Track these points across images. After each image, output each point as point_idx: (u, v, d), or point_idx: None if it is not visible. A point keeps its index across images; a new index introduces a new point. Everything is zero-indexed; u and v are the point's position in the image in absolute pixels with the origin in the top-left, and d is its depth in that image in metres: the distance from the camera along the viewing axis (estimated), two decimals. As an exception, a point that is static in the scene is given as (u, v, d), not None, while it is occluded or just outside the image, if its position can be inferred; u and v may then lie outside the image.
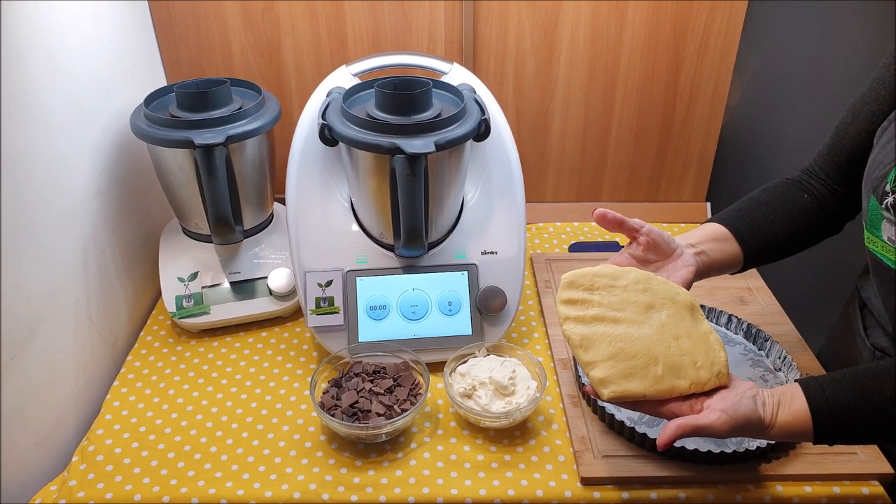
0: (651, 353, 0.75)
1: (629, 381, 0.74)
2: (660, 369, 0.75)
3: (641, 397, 0.75)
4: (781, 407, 0.75)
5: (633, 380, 0.75)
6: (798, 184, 0.95)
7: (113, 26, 1.11)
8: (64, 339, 0.97)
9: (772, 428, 0.74)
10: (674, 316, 0.78)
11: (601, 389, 0.75)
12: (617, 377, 0.74)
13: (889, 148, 0.80)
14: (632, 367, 0.75)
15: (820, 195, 0.94)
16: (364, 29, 1.27)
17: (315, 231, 1.05)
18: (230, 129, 1.02)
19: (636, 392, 0.74)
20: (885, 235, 0.80)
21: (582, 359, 0.76)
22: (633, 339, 0.76)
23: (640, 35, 1.29)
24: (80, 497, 0.87)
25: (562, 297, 0.78)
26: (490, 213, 1.08)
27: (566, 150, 1.41)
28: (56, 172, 0.95)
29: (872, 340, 0.93)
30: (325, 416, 0.91)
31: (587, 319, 0.76)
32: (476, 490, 0.88)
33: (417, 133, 0.93)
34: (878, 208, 0.80)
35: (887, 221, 0.79)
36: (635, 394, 0.74)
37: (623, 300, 0.78)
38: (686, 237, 0.91)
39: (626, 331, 0.76)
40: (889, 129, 0.81)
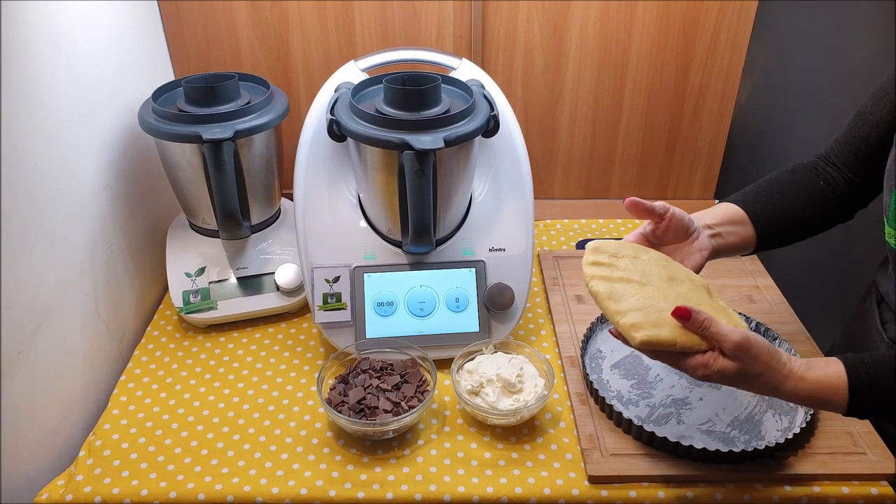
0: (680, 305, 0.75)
1: (659, 329, 0.73)
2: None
3: (672, 345, 0.73)
4: (812, 366, 0.75)
5: (663, 328, 0.73)
6: (813, 169, 0.95)
7: (121, 21, 1.11)
8: (71, 333, 0.97)
9: (792, 378, 0.74)
10: (693, 290, 0.80)
11: (633, 334, 0.73)
12: (648, 325, 0.73)
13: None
14: (661, 318, 0.74)
15: (834, 182, 0.93)
16: (372, 24, 1.26)
17: (323, 227, 1.05)
18: (238, 123, 1.02)
19: (667, 339, 0.73)
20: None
21: (610, 308, 0.75)
22: (659, 298, 0.76)
23: (650, 32, 1.28)
24: (87, 492, 0.87)
25: (588, 260, 0.79)
26: (498, 209, 1.08)
27: (574, 146, 1.41)
28: (64, 167, 0.95)
29: (890, 335, 0.92)
30: (332, 412, 0.91)
31: (613, 279, 0.77)
32: (483, 487, 0.87)
33: (426, 129, 0.93)
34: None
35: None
36: (666, 340, 0.73)
37: (646, 270, 0.79)
38: (704, 217, 0.90)
39: (653, 291, 0.77)
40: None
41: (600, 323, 1.09)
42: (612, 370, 1.02)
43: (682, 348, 0.74)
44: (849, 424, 0.94)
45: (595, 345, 1.07)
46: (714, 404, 0.96)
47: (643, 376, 1.01)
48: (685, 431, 0.92)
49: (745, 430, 0.92)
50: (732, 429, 0.92)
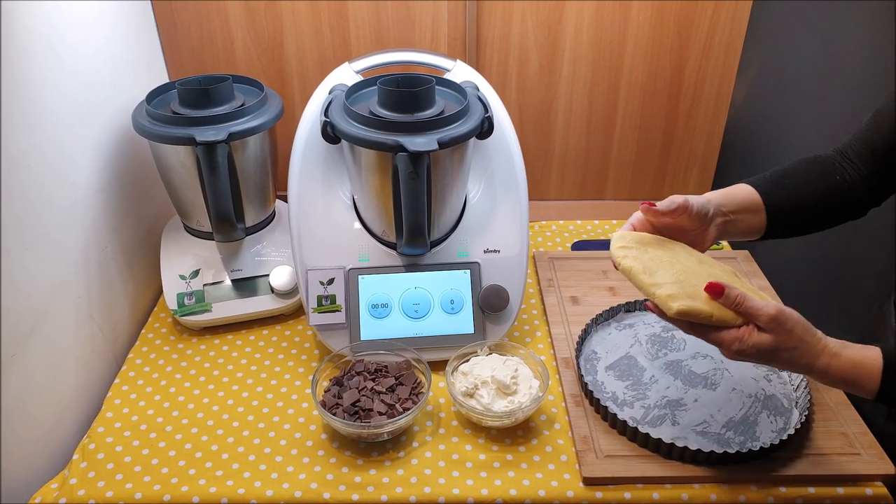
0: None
1: (696, 300, 0.74)
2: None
3: (708, 316, 0.74)
4: (848, 346, 0.75)
5: (699, 300, 0.74)
6: (830, 163, 0.93)
7: (115, 23, 1.11)
8: (65, 336, 0.97)
9: (826, 354, 0.74)
10: (724, 272, 0.81)
11: (669, 304, 0.74)
12: (684, 296, 0.74)
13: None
14: (697, 291, 0.75)
15: (850, 178, 0.92)
16: (367, 26, 1.26)
17: (317, 229, 1.04)
18: (232, 126, 1.02)
19: (704, 310, 0.73)
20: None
21: (646, 282, 0.76)
22: (692, 275, 0.77)
23: (644, 33, 1.28)
24: (81, 495, 0.87)
25: (616, 245, 0.81)
26: (493, 211, 1.08)
27: (569, 148, 1.41)
28: (57, 169, 0.95)
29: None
30: (326, 414, 0.90)
31: (644, 259, 0.78)
32: (478, 489, 0.87)
33: (420, 131, 0.93)
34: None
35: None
36: (703, 311, 0.74)
37: (675, 254, 0.81)
38: (721, 200, 0.88)
39: (685, 269, 0.78)
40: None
41: (595, 324, 1.09)
42: (607, 371, 1.02)
43: (718, 321, 0.74)
44: (844, 425, 0.94)
45: (590, 346, 1.07)
46: (709, 405, 0.96)
47: (638, 377, 1.01)
48: (680, 433, 0.92)
49: (739, 432, 0.92)
50: (727, 430, 0.92)
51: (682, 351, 1.05)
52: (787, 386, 0.99)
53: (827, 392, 0.99)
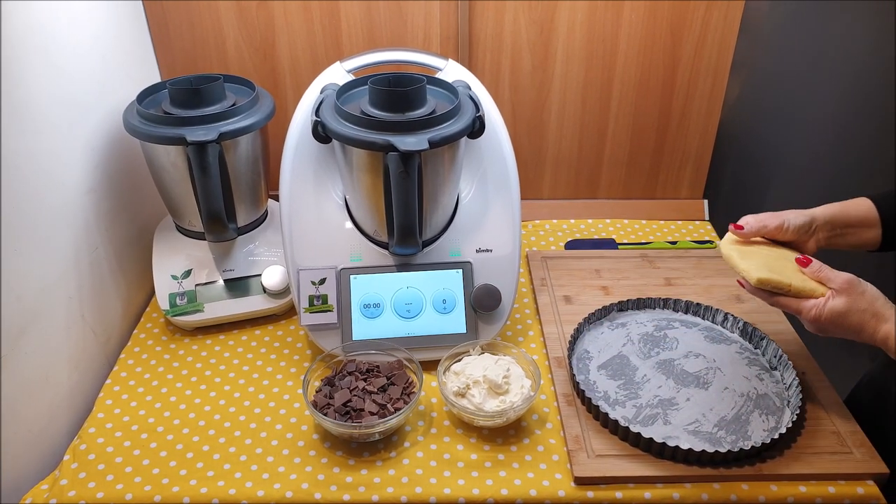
0: (797, 267, 0.88)
1: (778, 275, 0.85)
2: (805, 277, 0.86)
3: (787, 287, 0.84)
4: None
5: (781, 275, 0.85)
6: None
7: (107, 23, 1.11)
8: (56, 337, 0.97)
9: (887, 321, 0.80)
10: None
11: (752, 273, 0.86)
12: (766, 270, 0.86)
13: None
14: (780, 269, 0.87)
15: None
16: (359, 25, 1.26)
17: (309, 228, 1.04)
18: (223, 125, 1.02)
19: (783, 281, 0.85)
20: None
21: (737, 262, 0.89)
22: (783, 258, 0.89)
23: (637, 31, 1.28)
24: (71, 496, 0.86)
25: (727, 238, 0.93)
26: (485, 210, 1.08)
27: (563, 146, 1.41)
28: (48, 169, 0.95)
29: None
30: (317, 415, 0.90)
31: (743, 250, 0.91)
32: (469, 489, 0.87)
33: (411, 130, 0.92)
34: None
35: None
36: (782, 282, 0.85)
37: (774, 248, 0.92)
38: (833, 215, 0.91)
39: (778, 257, 0.89)
40: None
41: (587, 323, 1.09)
42: (599, 371, 1.02)
43: (796, 291, 0.85)
44: (835, 424, 0.94)
45: (582, 345, 1.07)
46: (701, 405, 0.96)
47: (630, 377, 1.01)
48: (672, 432, 0.92)
49: (731, 431, 0.92)
50: (719, 429, 0.92)
51: (674, 350, 1.05)
52: (779, 385, 0.99)
53: (819, 391, 0.99)
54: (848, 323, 0.81)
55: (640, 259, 1.29)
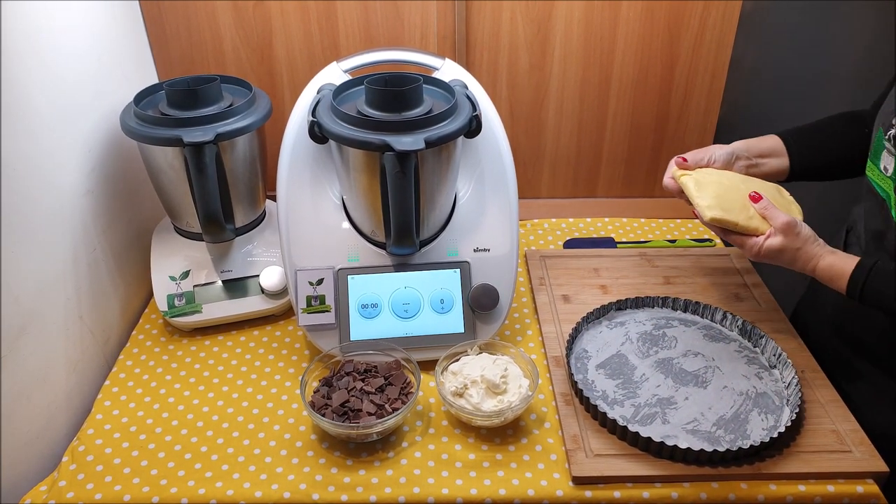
0: (747, 203, 0.96)
1: (728, 213, 0.95)
2: (751, 212, 0.96)
3: (735, 225, 0.95)
4: (836, 254, 0.93)
5: (731, 213, 0.95)
6: (862, 117, 1.05)
7: (103, 25, 1.11)
8: (54, 338, 0.97)
9: (818, 258, 0.93)
10: (764, 187, 1.00)
11: (705, 213, 0.95)
12: (718, 208, 0.95)
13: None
14: (732, 205, 0.95)
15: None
16: (356, 25, 1.26)
17: (306, 229, 1.04)
18: (220, 126, 1.01)
19: (731, 220, 0.95)
20: (882, 165, 0.92)
21: (693, 194, 0.97)
22: (735, 189, 0.97)
23: (635, 29, 1.28)
24: (70, 498, 0.87)
25: (675, 170, 1.02)
26: (483, 210, 1.08)
27: (561, 145, 1.40)
28: (45, 171, 0.95)
29: (850, 253, 1.00)
30: (315, 415, 0.90)
31: (697, 177, 0.99)
32: (467, 489, 0.87)
33: (407, 130, 0.92)
34: (882, 138, 0.91)
35: (887, 152, 0.90)
36: (731, 221, 0.95)
37: (723, 175, 1.00)
38: (745, 148, 1.05)
39: (730, 186, 0.98)
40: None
41: (586, 322, 1.09)
42: (597, 370, 1.02)
43: (743, 230, 0.95)
44: (835, 423, 0.93)
45: (581, 344, 1.07)
46: (700, 404, 0.95)
47: (629, 376, 1.01)
48: (670, 431, 0.91)
49: (730, 430, 0.92)
50: (718, 428, 0.92)
51: (673, 349, 1.05)
52: (778, 384, 0.99)
53: (818, 389, 0.99)
54: (782, 259, 0.94)
55: (638, 258, 1.28)
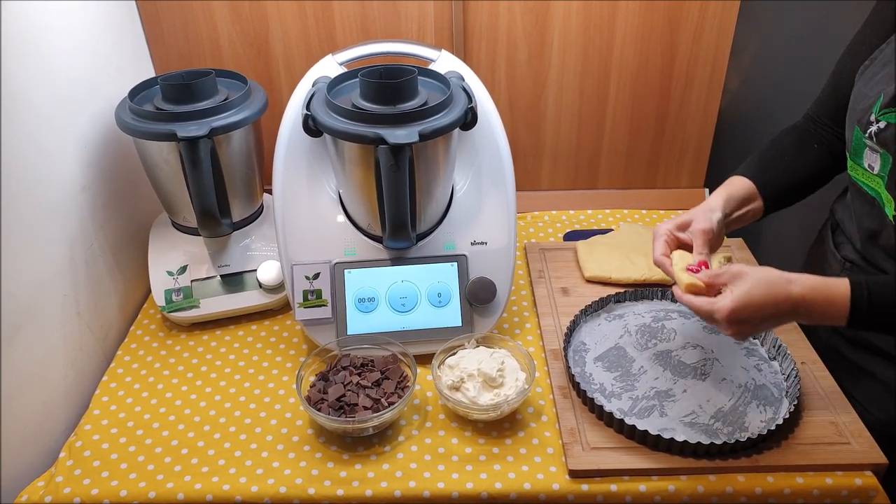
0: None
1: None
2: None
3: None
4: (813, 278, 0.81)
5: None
6: (806, 132, 1.03)
7: (99, 20, 1.10)
8: (52, 334, 0.97)
9: (798, 284, 0.80)
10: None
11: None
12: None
13: (872, 82, 0.87)
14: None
15: (827, 141, 1.00)
16: (352, 17, 1.25)
17: (302, 223, 1.04)
18: (214, 120, 1.01)
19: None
20: (866, 163, 0.88)
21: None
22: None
23: (634, 19, 1.27)
24: (67, 493, 0.87)
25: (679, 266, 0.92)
26: (480, 202, 1.07)
27: (561, 137, 1.39)
28: (41, 167, 0.95)
29: (843, 254, 1.01)
30: (311, 410, 0.90)
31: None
32: (463, 483, 0.87)
33: (402, 122, 0.92)
34: (862, 137, 0.87)
35: (869, 149, 0.87)
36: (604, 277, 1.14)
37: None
38: (724, 206, 0.95)
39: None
40: (870, 66, 0.89)
41: (584, 315, 1.08)
42: (595, 363, 1.01)
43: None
44: (834, 414, 0.93)
45: (579, 337, 1.06)
46: (698, 396, 0.95)
47: (627, 368, 1.00)
48: (668, 424, 0.91)
49: (728, 422, 0.91)
50: (716, 421, 0.91)
51: (671, 341, 1.04)
52: (777, 375, 0.98)
53: (817, 381, 0.98)
54: (753, 314, 0.80)
55: (639, 249, 1.27)
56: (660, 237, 0.94)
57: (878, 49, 0.89)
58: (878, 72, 0.87)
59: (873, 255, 0.94)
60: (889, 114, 0.83)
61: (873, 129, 0.85)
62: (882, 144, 0.85)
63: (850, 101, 0.91)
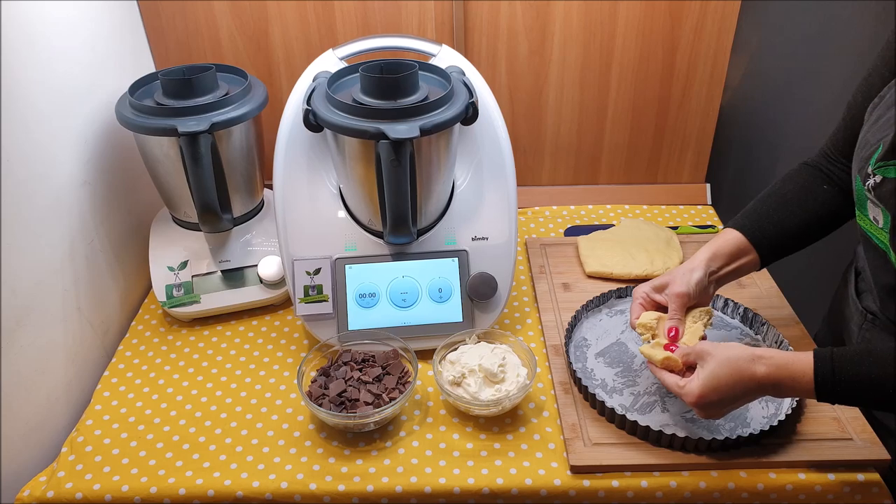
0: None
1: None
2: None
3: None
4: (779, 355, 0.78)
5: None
6: (818, 171, 0.95)
7: (99, 15, 1.10)
8: (52, 330, 0.97)
9: (763, 363, 0.78)
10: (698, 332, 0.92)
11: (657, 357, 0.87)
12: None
13: (876, 126, 0.79)
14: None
15: (840, 180, 0.92)
16: (352, 12, 1.24)
17: (303, 218, 1.04)
18: (215, 115, 1.01)
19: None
20: (871, 215, 0.81)
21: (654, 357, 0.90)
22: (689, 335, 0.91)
23: (635, 14, 1.26)
24: (69, 488, 0.87)
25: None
26: (481, 198, 1.07)
27: (562, 132, 1.39)
28: (41, 162, 0.94)
29: (864, 304, 0.94)
30: (312, 405, 0.90)
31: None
32: (464, 479, 0.87)
33: (402, 118, 0.91)
34: (863, 189, 0.80)
35: (871, 202, 0.80)
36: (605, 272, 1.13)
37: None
38: (710, 263, 0.92)
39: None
40: (879, 105, 0.81)
41: (585, 311, 1.08)
42: (596, 358, 1.01)
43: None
44: (836, 410, 0.92)
45: (580, 333, 1.06)
46: (699, 391, 0.95)
47: (628, 364, 1.00)
48: (669, 419, 0.91)
49: (730, 418, 0.91)
50: (717, 416, 0.91)
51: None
52: (779, 371, 0.98)
53: (820, 376, 0.98)
54: (720, 395, 0.79)
55: (640, 245, 1.27)
56: (636, 300, 0.94)
57: (887, 87, 0.81)
58: (883, 114, 0.80)
59: (893, 312, 0.88)
60: (885, 167, 0.76)
61: (871, 183, 0.78)
62: (880, 199, 0.77)
63: (857, 144, 0.83)
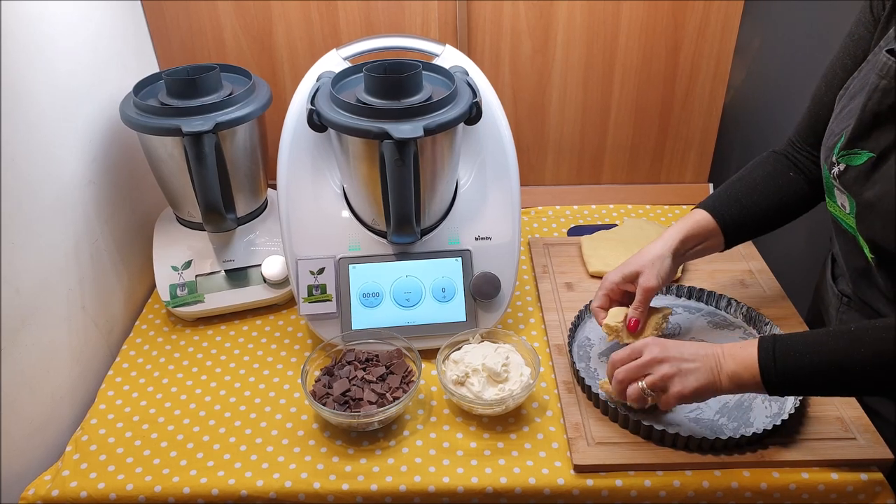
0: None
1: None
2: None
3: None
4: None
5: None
6: (785, 158, 1.00)
7: (103, 15, 1.10)
8: (57, 329, 0.97)
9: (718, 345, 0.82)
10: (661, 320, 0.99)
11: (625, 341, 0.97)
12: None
13: (841, 116, 0.83)
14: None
15: (806, 168, 0.97)
16: (356, 12, 1.25)
17: (307, 218, 1.04)
18: (219, 115, 1.01)
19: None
20: (839, 202, 0.84)
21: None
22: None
23: (638, 14, 1.26)
24: (73, 487, 0.87)
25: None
26: (484, 197, 1.07)
27: (565, 131, 1.39)
28: (45, 162, 0.95)
29: (840, 287, 0.98)
30: (316, 405, 0.90)
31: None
32: (468, 478, 0.87)
33: (406, 117, 0.91)
34: (830, 177, 0.84)
35: (837, 189, 0.83)
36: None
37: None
38: (678, 246, 0.96)
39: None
40: (844, 96, 0.84)
41: (588, 311, 1.08)
42: (600, 358, 1.01)
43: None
44: (839, 409, 0.92)
45: (583, 332, 1.06)
46: (703, 391, 0.95)
47: (631, 364, 1.00)
48: (673, 419, 0.91)
49: (733, 418, 0.91)
50: (721, 416, 0.91)
51: (677, 336, 1.04)
52: (782, 370, 0.98)
53: (823, 376, 0.98)
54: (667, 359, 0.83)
55: (643, 245, 1.27)
56: (603, 289, 0.99)
57: (851, 77, 0.85)
58: (847, 105, 0.83)
59: (865, 294, 0.91)
60: (847, 156, 0.80)
61: (836, 171, 0.82)
62: (845, 186, 0.81)
63: (825, 133, 0.87)
